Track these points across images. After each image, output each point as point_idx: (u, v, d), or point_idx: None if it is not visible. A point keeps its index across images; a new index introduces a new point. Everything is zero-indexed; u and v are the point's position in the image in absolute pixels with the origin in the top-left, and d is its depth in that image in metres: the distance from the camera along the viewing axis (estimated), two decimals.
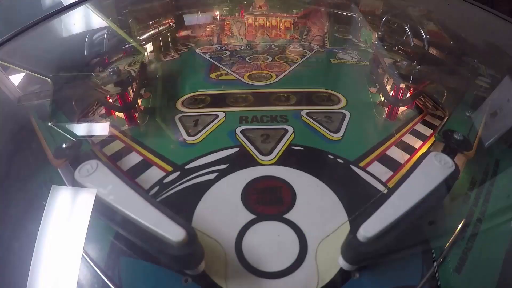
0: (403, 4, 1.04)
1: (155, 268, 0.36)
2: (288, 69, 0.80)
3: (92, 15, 0.85)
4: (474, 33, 0.79)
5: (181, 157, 0.50)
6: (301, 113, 0.61)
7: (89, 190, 0.39)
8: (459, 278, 0.36)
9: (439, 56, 0.75)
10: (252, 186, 0.45)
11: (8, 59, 0.64)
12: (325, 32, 1.09)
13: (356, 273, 0.35)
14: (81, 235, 0.36)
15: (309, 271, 0.35)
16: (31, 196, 0.44)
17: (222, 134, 0.56)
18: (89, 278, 0.36)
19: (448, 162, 0.41)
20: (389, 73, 0.66)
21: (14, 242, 0.40)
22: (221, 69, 0.81)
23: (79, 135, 0.52)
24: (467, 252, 0.37)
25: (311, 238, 0.38)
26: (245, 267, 0.36)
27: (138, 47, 0.85)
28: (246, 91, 0.69)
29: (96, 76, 0.65)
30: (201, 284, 0.35)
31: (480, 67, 0.64)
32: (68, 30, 0.82)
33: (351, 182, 0.46)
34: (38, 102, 0.57)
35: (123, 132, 0.58)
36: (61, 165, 0.45)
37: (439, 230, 0.41)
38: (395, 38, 0.85)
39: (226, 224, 0.40)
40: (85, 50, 0.74)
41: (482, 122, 0.51)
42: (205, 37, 1.08)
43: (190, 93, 0.70)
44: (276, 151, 0.51)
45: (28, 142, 0.52)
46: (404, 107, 0.63)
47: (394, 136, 0.55)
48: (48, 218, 0.38)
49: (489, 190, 0.44)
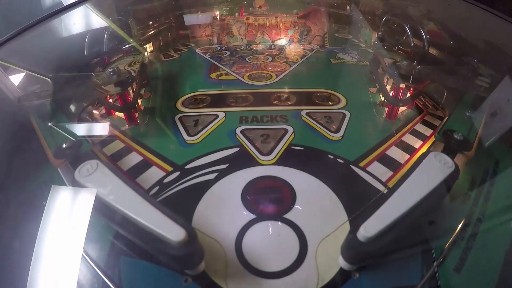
0: (403, 4, 1.04)
1: (155, 268, 0.36)
2: (288, 69, 0.80)
3: (92, 15, 0.85)
4: (474, 33, 0.79)
5: (181, 157, 0.50)
6: (301, 113, 0.61)
7: (89, 190, 0.39)
8: (459, 278, 0.36)
9: (439, 56, 0.75)
10: (252, 186, 0.45)
11: (8, 59, 0.64)
12: (325, 32, 1.09)
13: (356, 273, 0.35)
14: (81, 235, 0.36)
15: (309, 271, 0.35)
16: (31, 196, 0.44)
17: (222, 134, 0.56)
18: (89, 278, 0.36)
19: (448, 162, 0.41)
20: (389, 73, 0.66)
21: (14, 242, 0.40)
22: (221, 69, 0.81)
23: (79, 135, 0.52)
24: (467, 252, 0.37)
25: (311, 238, 0.38)
26: (245, 267, 0.36)
27: (138, 47, 0.85)
28: (246, 91, 0.69)
29: (96, 76, 0.65)
30: (201, 284, 0.35)
31: (480, 67, 0.64)
32: (68, 30, 0.82)
33: (351, 182, 0.46)
34: (38, 102, 0.58)
35: (123, 132, 0.58)
36: (61, 165, 0.45)
37: (439, 230, 0.41)
38: (395, 38, 0.85)
39: (226, 224, 0.40)
40: (85, 50, 0.74)
41: (482, 122, 0.51)
42: (205, 37, 1.08)
43: (190, 93, 0.70)
44: (276, 151, 0.51)
45: (28, 142, 0.52)
46: (404, 107, 0.63)
47: (394, 136, 0.55)
48: (48, 218, 0.38)
49: (489, 190, 0.44)
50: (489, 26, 0.78)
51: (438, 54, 0.75)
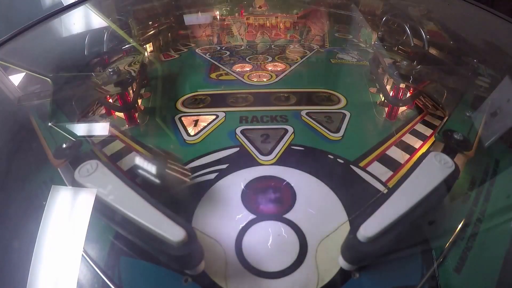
0: (403, 4, 1.04)
1: (155, 268, 0.36)
2: (288, 69, 0.80)
3: (92, 15, 0.85)
4: (474, 33, 0.79)
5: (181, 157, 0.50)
6: (301, 113, 0.61)
7: (89, 190, 0.39)
8: (459, 277, 0.36)
9: (439, 56, 0.75)
10: (252, 186, 0.45)
11: (8, 59, 0.64)
12: (325, 32, 1.10)
13: (356, 273, 0.35)
14: (81, 235, 0.36)
15: (309, 271, 0.35)
16: (31, 196, 0.44)
17: (222, 134, 0.56)
18: (89, 278, 0.36)
19: (448, 162, 0.40)
20: (389, 73, 0.66)
21: (14, 242, 0.40)
22: (221, 69, 0.81)
23: (79, 135, 0.52)
24: (467, 252, 0.37)
25: (311, 238, 0.38)
26: (245, 267, 0.36)
27: (138, 47, 0.85)
28: (246, 91, 0.69)
29: (96, 76, 0.65)
30: (201, 284, 0.35)
31: (480, 67, 0.64)
32: (68, 30, 0.82)
33: (351, 182, 0.46)
34: (38, 102, 0.57)
35: (123, 132, 0.58)
36: (61, 165, 0.45)
37: (439, 230, 0.41)
38: (395, 38, 0.85)
39: (226, 224, 0.40)
40: (85, 50, 0.74)
41: (482, 122, 0.51)
42: (205, 37, 1.08)
43: (190, 93, 0.70)
44: (276, 151, 0.51)
45: (28, 142, 0.52)
46: (404, 107, 0.63)
47: (394, 136, 0.55)
48: (48, 218, 0.38)
49: (489, 190, 0.44)
50: (489, 26, 0.78)
51: (438, 54, 0.75)
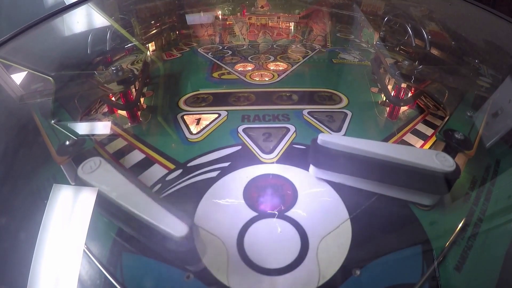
0: (405, 4, 1.05)
1: (157, 264, 0.36)
2: (290, 69, 0.80)
3: (94, 14, 0.86)
4: (475, 33, 0.80)
5: (183, 155, 0.51)
6: (302, 112, 0.61)
7: (92, 187, 0.39)
8: (459, 276, 0.36)
9: (441, 56, 0.75)
10: (253, 184, 0.45)
11: (11, 57, 0.65)
12: (327, 32, 1.10)
13: (357, 270, 0.36)
14: (83, 231, 0.36)
15: (310, 268, 0.36)
16: (34, 192, 0.44)
17: (224, 133, 0.56)
18: (91, 274, 0.36)
19: (449, 162, 0.41)
20: (391, 73, 0.66)
21: (17, 238, 0.40)
22: (223, 68, 0.81)
23: (81, 133, 0.52)
24: (468, 251, 0.37)
25: (312, 236, 0.38)
26: (246, 263, 0.36)
27: (140, 46, 0.85)
28: (248, 90, 0.70)
29: (99, 75, 0.65)
30: (203, 280, 0.35)
31: (481, 67, 0.65)
32: (71, 29, 0.82)
33: None
34: (40, 100, 0.58)
35: (125, 130, 0.58)
36: (64, 162, 0.45)
37: (440, 229, 0.41)
38: (396, 38, 0.85)
39: (228, 222, 0.40)
40: (88, 48, 0.74)
41: (483, 122, 0.51)
42: (207, 37, 1.09)
43: (192, 92, 0.70)
44: (278, 149, 0.51)
45: (32, 139, 0.52)
46: (406, 107, 0.64)
47: (395, 136, 0.56)
48: (50, 214, 0.38)
49: (489, 190, 0.44)
50: (490, 27, 0.78)
51: (439, 54, 0.75)
